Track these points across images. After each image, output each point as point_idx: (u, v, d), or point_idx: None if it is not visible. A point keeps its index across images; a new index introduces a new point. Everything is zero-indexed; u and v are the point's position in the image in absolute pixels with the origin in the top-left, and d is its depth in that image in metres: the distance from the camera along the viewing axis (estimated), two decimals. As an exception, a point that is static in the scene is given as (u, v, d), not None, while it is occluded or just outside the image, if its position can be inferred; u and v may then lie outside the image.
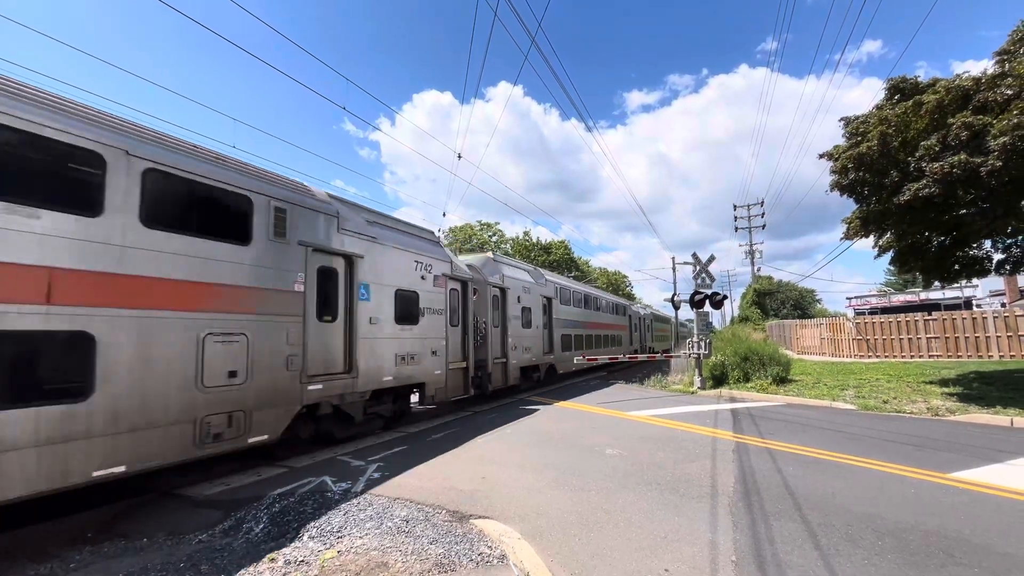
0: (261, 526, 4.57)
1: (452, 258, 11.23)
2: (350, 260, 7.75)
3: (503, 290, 13.40)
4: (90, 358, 4.51)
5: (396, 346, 8.66)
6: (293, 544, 4.14)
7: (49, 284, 4.27)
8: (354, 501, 5.09)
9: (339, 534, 4.30)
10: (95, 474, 4.51)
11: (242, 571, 3.67)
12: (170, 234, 5.23)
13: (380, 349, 8.26)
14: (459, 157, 16.64)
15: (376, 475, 6.10)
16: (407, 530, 4.36)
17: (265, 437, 6.10)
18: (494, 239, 48.51)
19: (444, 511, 4.85)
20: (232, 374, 5.70)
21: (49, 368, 4.39)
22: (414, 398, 9.85)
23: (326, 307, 7.32)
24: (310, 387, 6.75)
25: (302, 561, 3.80)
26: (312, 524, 4.51)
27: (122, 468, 4.70)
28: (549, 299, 16.82)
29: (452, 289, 10.87)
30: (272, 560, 3.82)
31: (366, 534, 4.29)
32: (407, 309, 9.07)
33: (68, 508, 5.28)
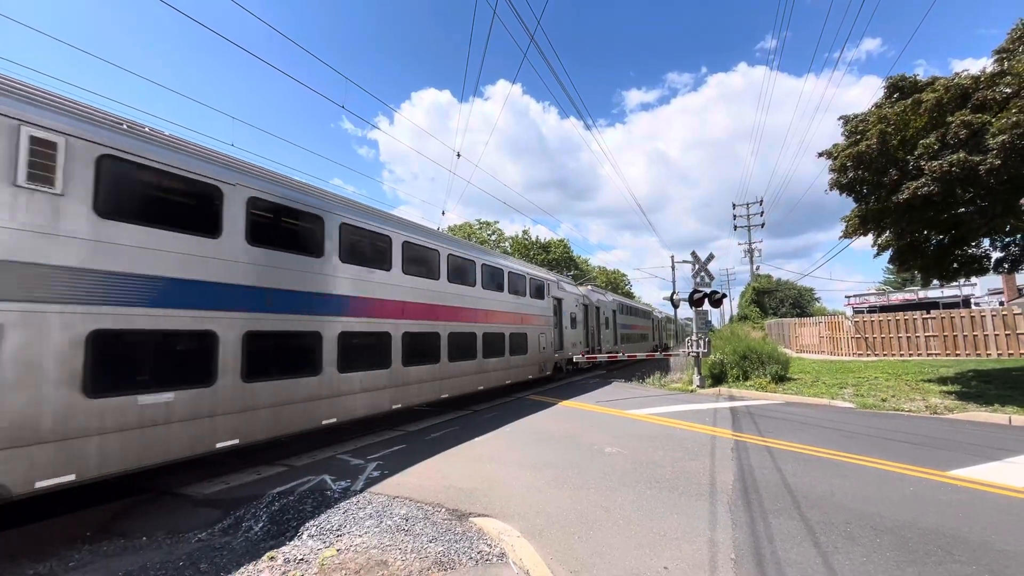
0: (260, 525, 4.57)
1: (586, 293, 21.68)
2: (559, 300, 17.33)
3: (597, 308, 22.63)
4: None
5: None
6: (293, 543, 4.14)
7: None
8: (354, 499, 5.09)
9: (339, 532, 4.30)
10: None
11: (241, 569, 3.67)
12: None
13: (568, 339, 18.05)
14: (458, 156, 16.64)
15: (375, 473, 6.10)
16: (407, 528, 4.36)
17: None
18: (493, 238, 48.46)
19: (443, 509, 4.86)
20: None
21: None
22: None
23: (560, 321, 17.36)
24: (555, 355, 15.63)
25: (301, 559, 3.80)
26: (311, 522, 4.51)
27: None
28: (614, 311, 26.04)
29: (576, 310, 19.93)
30: (272, 559, 3.83)
31: (365, 532, 4.29)
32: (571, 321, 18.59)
33: (67, 507, 5.28)
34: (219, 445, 5.68)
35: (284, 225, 6.96)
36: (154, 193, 5.39)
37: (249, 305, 6.14)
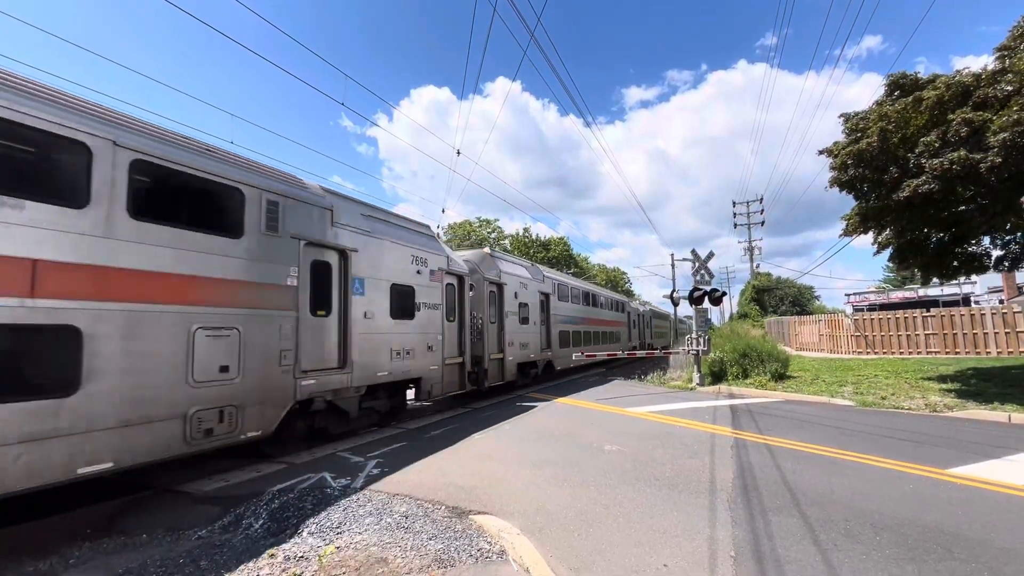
0: (260, 522, 4.57)
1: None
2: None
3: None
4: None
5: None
6: (293, 540, 4.15)
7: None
8: (353, 497, 5.09)
9: (339, 530, 4.30)
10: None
11: (242, 567, 3.68)
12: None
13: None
14: (458, 153, 16.60)
15: (375, 471, 6.10)
16: (406, 526, 4.36)
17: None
18: (493, 236, 48.48)
19: (443, 507, 4.86)
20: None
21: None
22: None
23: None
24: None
25: (302, 557, 3.80)
26: (312, 520, 4.51)
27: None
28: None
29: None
30: (272, 556, 3.83)
31: (365, 530, 4.29)
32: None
33: (68, 505, 5.28)
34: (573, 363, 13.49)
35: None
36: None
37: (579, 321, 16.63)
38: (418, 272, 9.65)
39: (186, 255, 5.41)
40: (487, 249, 14.50)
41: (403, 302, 9.10)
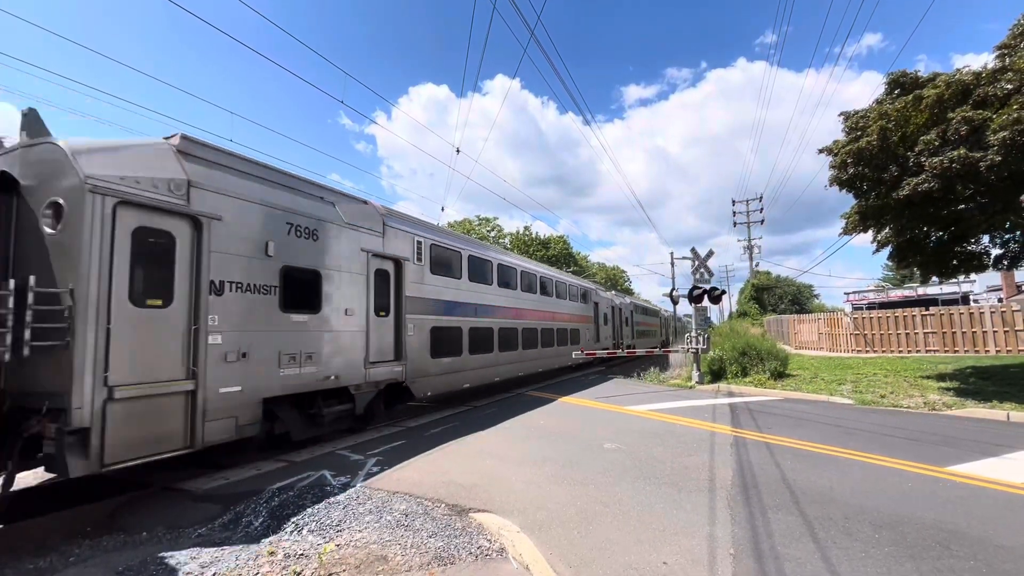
0: (260, 520, 4.57)
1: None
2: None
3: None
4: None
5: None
6: (292, 538, 4.15)
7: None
8: (353, 495, 5.10)
9: (338, 528, 4.31)
10: None
11: (241, 565, 3.68)
12: None
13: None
14: (457, 152, 16.59)
15: (375, 469, 6.11)
16: (406, 524, 4.37)
17: None
18: (492, 234, 48.47)
19: (443, 505, 4.86)
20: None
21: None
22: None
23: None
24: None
25: (301, 555, 3.80)
26: (311, 518, 4.51)
27: None
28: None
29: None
30: (272, 553, 3.83)
31: (365, 528, 4.30)
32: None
33: (68, 502, 5.29)
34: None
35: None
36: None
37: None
38: (607, 310, 18.16)
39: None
40: (614, 292, 16.18)
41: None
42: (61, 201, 4.78)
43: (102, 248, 4.77)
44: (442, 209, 77.45)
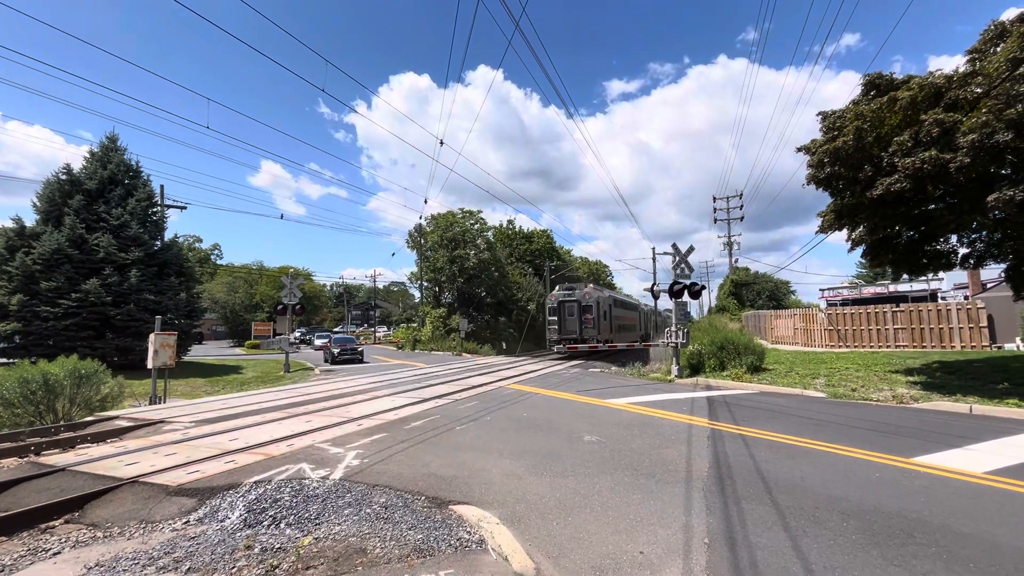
0: (237, 514, 4.51)
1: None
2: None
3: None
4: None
5: None
6: (270, 531, 4.11)
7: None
8: (332, 488, 5.06)
9: (317, 521, 4.28)
10: None
11: (217, 559, 3.63)
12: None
13: None
14: (441, 143, 16.44)
15: (355, 462, 6.07)
16: (386, 516, 4.36)
17: None
18: (476, 227, 48.19)
19: (423, 497, 4.86)
20: None
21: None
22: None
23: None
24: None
25: (279, 548, 3.77)
26: (289, 511, 4.47)
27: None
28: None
29: None
30: (248, 548, 3.79)
31: (344, 521, 4.27)
32: None
33: (37, 497, 5.13)
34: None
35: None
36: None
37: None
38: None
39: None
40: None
41: None
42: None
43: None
44: (425, 202, 76.90)
